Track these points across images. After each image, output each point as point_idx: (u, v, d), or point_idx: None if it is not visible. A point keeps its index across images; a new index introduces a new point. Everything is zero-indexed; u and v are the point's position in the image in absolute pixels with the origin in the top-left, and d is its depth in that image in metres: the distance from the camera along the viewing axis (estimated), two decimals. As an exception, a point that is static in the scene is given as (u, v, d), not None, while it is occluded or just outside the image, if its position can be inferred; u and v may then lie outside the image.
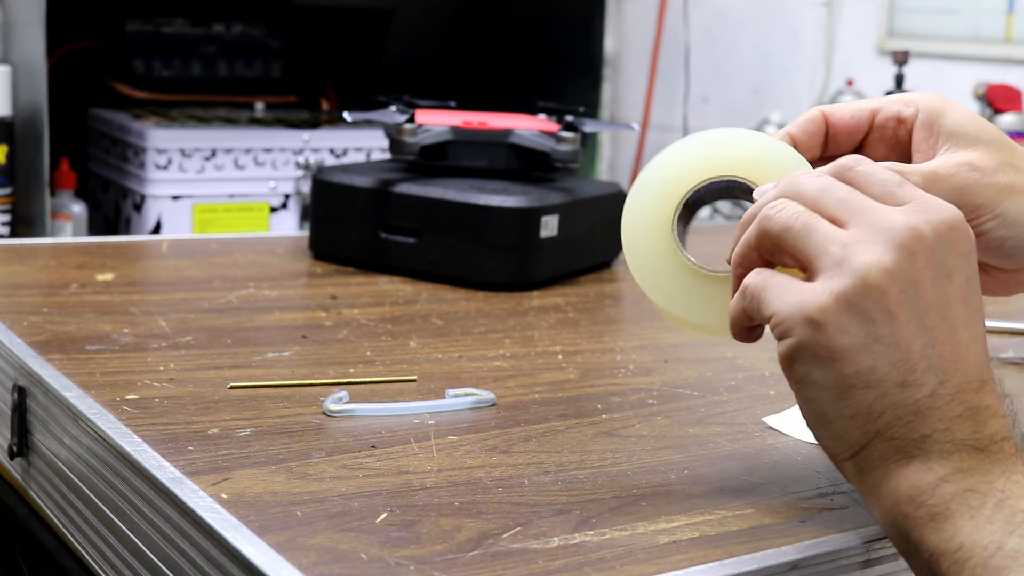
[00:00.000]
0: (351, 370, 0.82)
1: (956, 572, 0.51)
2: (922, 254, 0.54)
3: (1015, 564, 0.50)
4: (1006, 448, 0.54)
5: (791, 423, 0.76)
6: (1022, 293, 0.69)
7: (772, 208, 0.57)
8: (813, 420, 0.56)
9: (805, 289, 0.55)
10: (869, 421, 0.54)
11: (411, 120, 1.17)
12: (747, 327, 0.60)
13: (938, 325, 0.54)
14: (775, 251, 0.58)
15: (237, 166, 1.93)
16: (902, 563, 0.59)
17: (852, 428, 0.55)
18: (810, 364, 0.54)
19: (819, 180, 0.57)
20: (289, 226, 1.97)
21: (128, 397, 0.73)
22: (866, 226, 0.54)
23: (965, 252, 0.55)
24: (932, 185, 0.61)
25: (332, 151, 1.99)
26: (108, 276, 1.05)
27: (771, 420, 0.77)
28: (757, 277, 0.57)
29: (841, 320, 0.53)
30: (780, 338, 0.55)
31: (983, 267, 0.66)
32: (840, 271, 0.54)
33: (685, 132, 2.43)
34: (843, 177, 0.57)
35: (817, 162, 0.66)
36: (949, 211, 0.55)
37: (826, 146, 0.66)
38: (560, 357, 0.89)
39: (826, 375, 0.54)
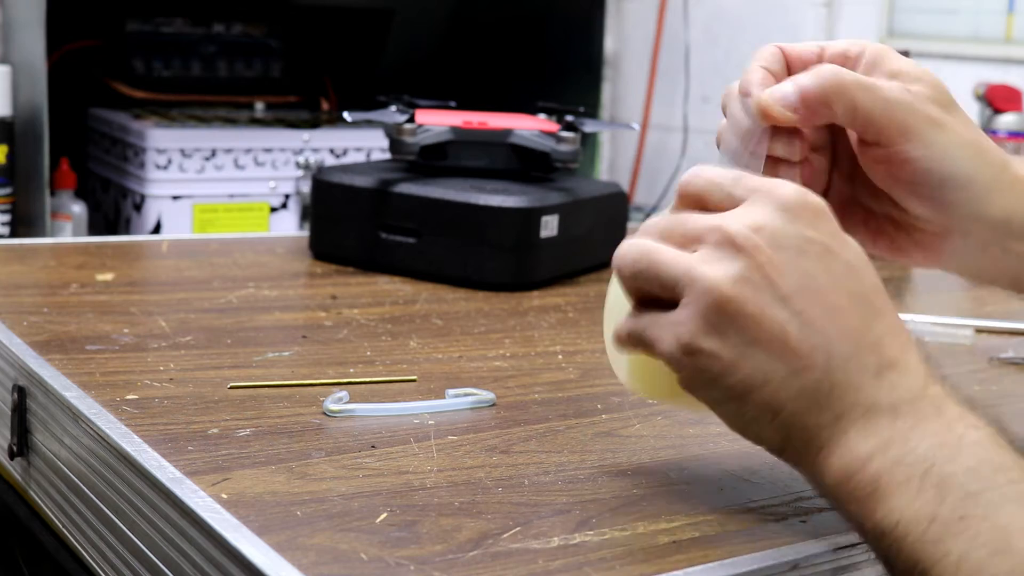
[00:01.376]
0: (351, 370, 0.82)
1: (897, 549, 0.51)
2: (765, 246, 0.54)
3: (949, 532, 0.49)
4: (924, 408, 0.53)
5: (791, 423, 0.76)
6: (941, 268, 0.68)
7: (617, 256, 0.59)
8: (737, 431, 0.57)
9: (671, 321, 0.55)
10: (775, 417, 0.54)
11: (411, 120, 1.17)
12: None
13: (807, 305, 0.54)
14: (639, 295, 0.58)
15: (237, 166, 1.93)
16: (902, 563, 0.60)
17: (764, 428, 0.55)
18: (705, 387, 0.56)
19: (662, 219, 0.58)
20: (289, 226, 1.97)
21: (128, 397, 0.73)
22: (707, 243, 0.55)
23: (812, 220, 0.55)
24: (868, 92, 0.61)
25: (332, 151, 1.99)
26: (108, 276, 1.05)
27: (771, 420, 0.76)
28: (627, 323, 0.59)
29: (711, 340, 0.54)
30: (676, 372, 0.56)
31: (901, 225, 0.66)
32: (693, 294, 0.54)
33: (685, 132, 2.43)
34: (685, 194, 0.58)
35: None
36: (788, 189, 0.55)
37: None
38: (560, 357, 0.89)
39: (721, 391, 0.55)
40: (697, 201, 0.58)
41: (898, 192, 0.64)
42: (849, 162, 0.67)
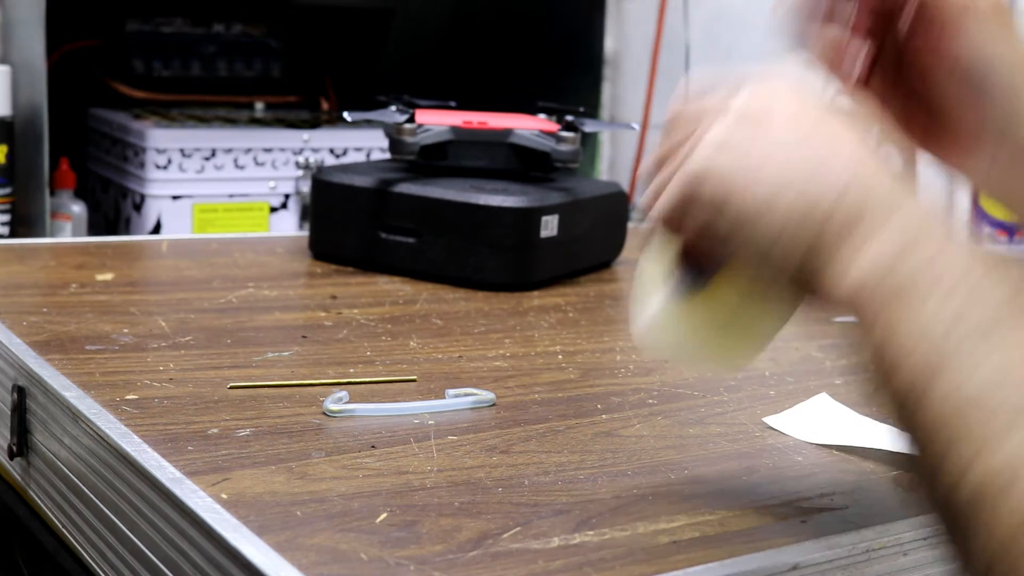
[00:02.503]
0: (351, 370, 0.82)
1: (905, 355, 0.48)
2: (756, 98, 0.55)
3: (973, 336, 0.47)
4: (959, 230, 0.51)
5: (791, 423, 0.76)
6: (968, 176, 0.67)
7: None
8: (756, 262, 0.55)
9: (685, 161, 0.56)
10: (805, 221, 0.53)
11: (411, 120, 1.17)
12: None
13: (807, 131, 0.54)
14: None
15: (237, 166, 1.93)
16: (901, 563, 0.60)
17: (790, 237, 0.53)
18: (718, 218, 0.54)
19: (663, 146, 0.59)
20: (289, 226, 1.97)
21: (128, 397, 0.73)
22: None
23: (800, 91, 0.56)
24: None
25: (332, 151, 1.99)
26: (108, 276, 1.05)
27: (771, 420, 0.77)
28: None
29: (719, 164, 0.54)
30: (688, 212, 0.56)
31: (937, 117, 0.66)
32: (694, 139, 0.55)
33: (685, 132, 2.43)
34: (674, 123, 0.59)
35: None
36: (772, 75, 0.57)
37: None
38: (560, 357, 0.89)
39: (738, 213, 0.54)
40: (679, 127, 0.58)
41: (937, 84, 0.64)
42: (895, 54, 0.66)
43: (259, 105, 2.19)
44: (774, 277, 0.55)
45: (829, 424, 0.76)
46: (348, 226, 1.15)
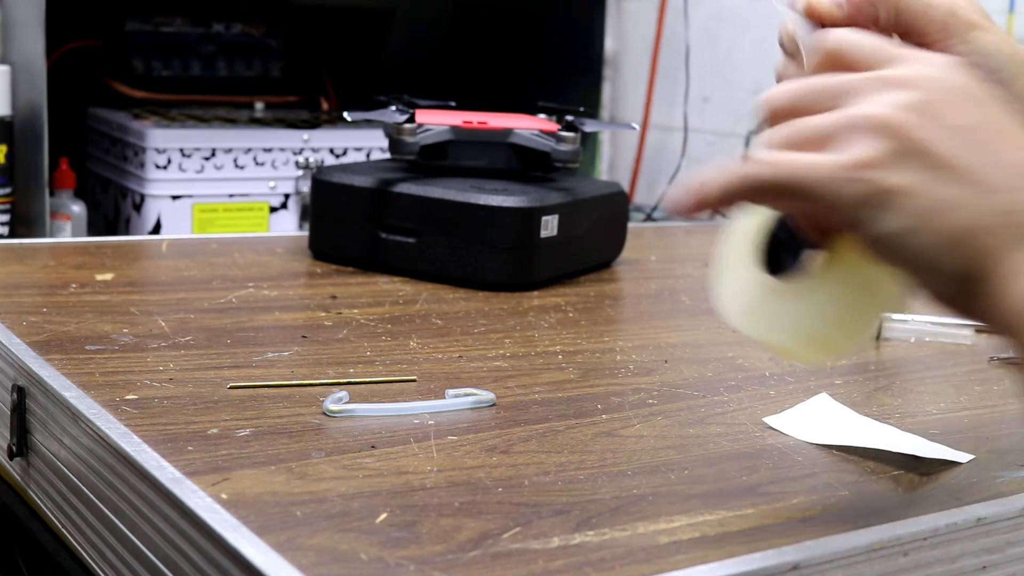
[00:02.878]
0: (351, 370, 0.82)
1: None
2: (929, 85, 0.52)
3: None
4: None
5: (791, 423, 0.76)
6: None
7: (771, 98, 0.55)
8: (912, 269, 0.53)
9: (849, 156, 0.52)
10: (962, 241, 0.51)
11: (411, 120, 1.17)
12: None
13: (983, 136, 0.51)
14: (791, 142, 0.54)
15: (237, 166, 1.93)
16: (902, 563, 0.60)
17: (945, 255, 0.51)
18: (880, 218, 0.51)
19: (796, 86, 0.55)
20: (289, 226, 1.97)
21: (128, 397, 0.73)
22: (864, 90, 0.53)
23: (969, 74, 0.53)
24: None
25: (332, 151, 1.99)
26: (108, 276, 1.05)
27: (771, 420, 0.76)
28: (779, 161, 0.53)
29: (886, 167, 0.51)
30: (850, 211, 0.52)
31: None
32: (860, 128, 0.52)
33: (685, 132, 2.43)
34: (829, 49, 0.56)
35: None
36: (944, 56, 0.55)
37: None
38: (560, 357, 0.89)
39: (899, 219, 0.51)
40: (837, 58, 0.56)
41: None
42: None
43: (259, 105, 2.19)
44: (925, 284, 0.53)
45: (829, 424, 0.76)
46: (348, 226, 1.15)
